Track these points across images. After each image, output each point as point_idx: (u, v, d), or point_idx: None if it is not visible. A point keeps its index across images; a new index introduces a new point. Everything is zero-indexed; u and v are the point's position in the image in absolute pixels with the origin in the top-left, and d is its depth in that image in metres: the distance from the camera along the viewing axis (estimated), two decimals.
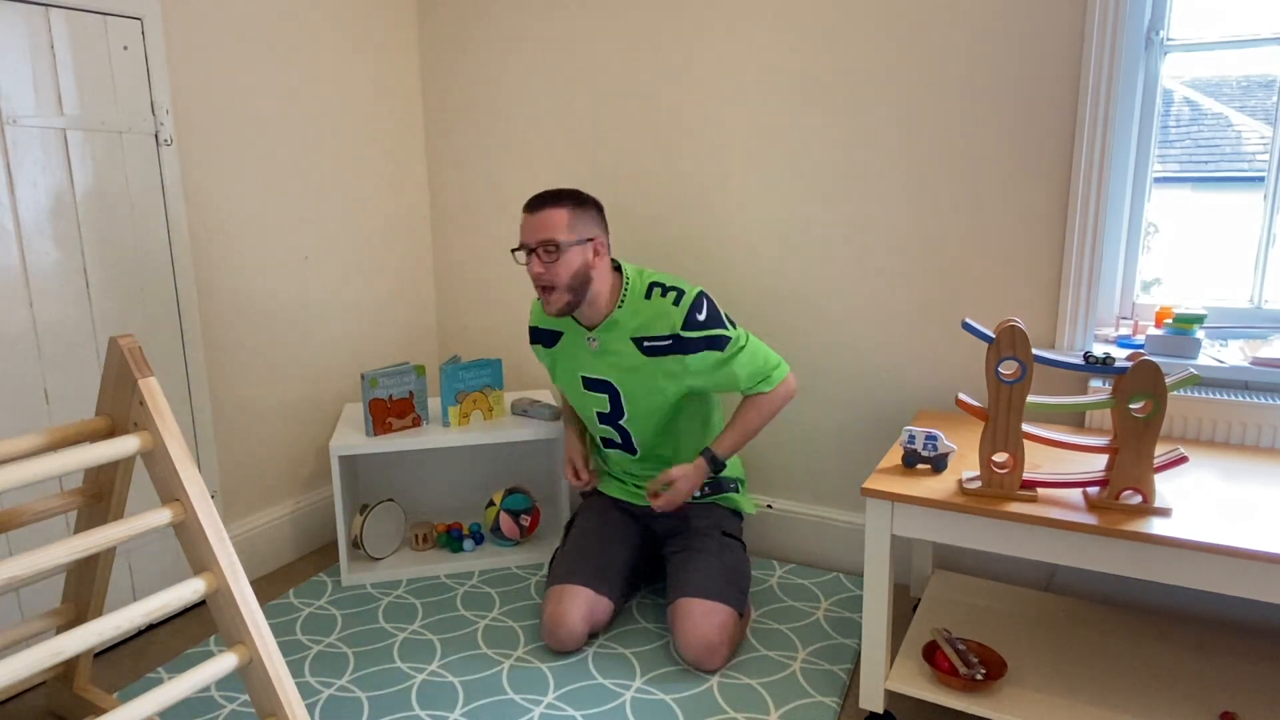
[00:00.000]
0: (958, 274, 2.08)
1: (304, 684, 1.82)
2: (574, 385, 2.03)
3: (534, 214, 1.83)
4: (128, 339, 1.42)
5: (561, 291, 1.84)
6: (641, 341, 1.89)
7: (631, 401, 1.95)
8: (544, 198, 1.84)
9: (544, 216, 1.82)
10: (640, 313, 1.89)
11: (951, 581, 1.99)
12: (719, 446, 1.96)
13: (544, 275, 1.83)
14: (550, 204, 1.83)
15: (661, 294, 1.89)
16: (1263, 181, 1.84)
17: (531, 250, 1.83)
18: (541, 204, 1.83)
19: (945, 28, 1.98)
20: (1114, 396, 1.43)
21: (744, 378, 1.91)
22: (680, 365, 1.88)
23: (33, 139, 1.75)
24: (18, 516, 1.44)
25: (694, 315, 1.85)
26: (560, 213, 1.82)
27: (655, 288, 1.90)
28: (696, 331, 1.85)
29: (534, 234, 1.83)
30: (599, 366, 1.96)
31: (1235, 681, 1.60)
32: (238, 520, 2.31)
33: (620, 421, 2.00)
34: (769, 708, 1.72)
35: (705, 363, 1.87)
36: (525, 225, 1.85)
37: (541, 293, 1.87)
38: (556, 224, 1.81)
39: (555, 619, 1.88)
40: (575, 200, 1.85)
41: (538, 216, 1.82)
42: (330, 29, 2.40)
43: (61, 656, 1.20)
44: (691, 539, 2.00)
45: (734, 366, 1.89)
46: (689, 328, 1.85)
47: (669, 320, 1.86)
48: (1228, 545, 1.29)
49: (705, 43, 2.25)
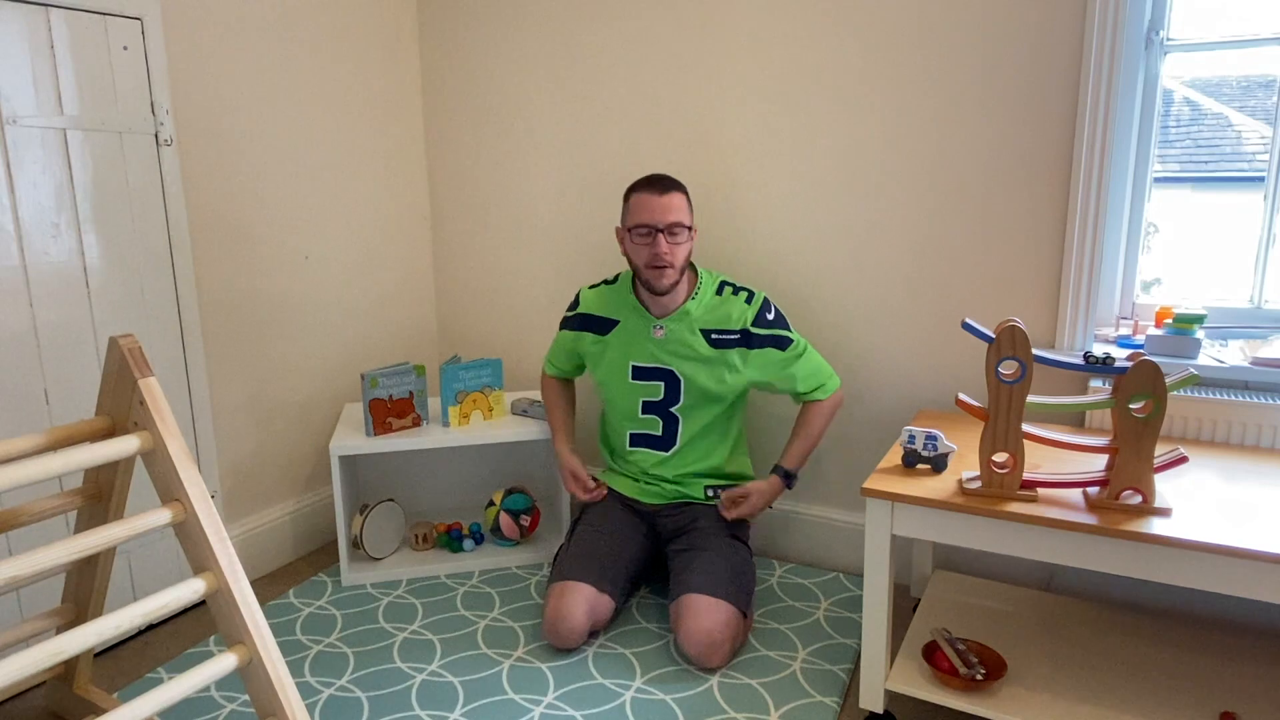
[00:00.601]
0: (958, 274, 2.08)
1: (304, 684, 1.82)
2: (619, 375, 2.07)
3: (661, 195, 1.90)
4: (128, 339, 1.42)
5: (675, 271, 1.93)
6: (710, 334, 2.00)
7: (690, 390, 2.02)
8: (667, 181, 1.92)
9: (672, 199, 1.91)
10: (713, 308, 2.01)
11: (951, 581, 1.99)
12: (788, 461, 2.05)
13: (667, 254, 1.90)
14: (675, 188, 1.92)
15: (733, 292, 2.02)
16: (1263, 181, 1.84)
17: (659, 231, 1.89)
18: (668, 187, 1.92)
19: (945, 28, 1.98)
20: (1114, 396, 1.43)
21: (801, 379, 2.02)
22: (744, 359, 2.00)
23: (33, 139, 1.75)
24: (18, 516, 1.44)
25: (764, 314, 2.00)
26: (682, 198, 1.93)
27: (726, 286, 2.04)
28: (765, 329, 1.99)
29: (663, 215, 1.90)
30: (660, 355, 2.02)
31: (1235, 681, 1.60)
32: (238, 520, 2.31)
33: (672, 408, 2.05)
34: (769, 708, 1.72)
35: (768, 359, 2.00)
36: (649, 205, 1.90)
37: (654, 271, 1.92)
38: (682, 208, 1.92)
39: (557, 615, 1.88)
40: (686, 189, 1.97)
41: (666, 198, 1.90)
42: (330, 29, 2.40)
43: (61, 656, 1.20)
44: (697, 538, 2.00)
45: (794, 369, 2.02)
46: (758, 325, 1.99)
47: (740, 316, 1.99)
48: (1228, 545, 1.29)
49: (706, 43, 2.26)
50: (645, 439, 2.11)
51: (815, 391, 2.05)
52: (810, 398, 2.05)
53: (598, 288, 2.13)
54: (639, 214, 1.92)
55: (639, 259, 1.95)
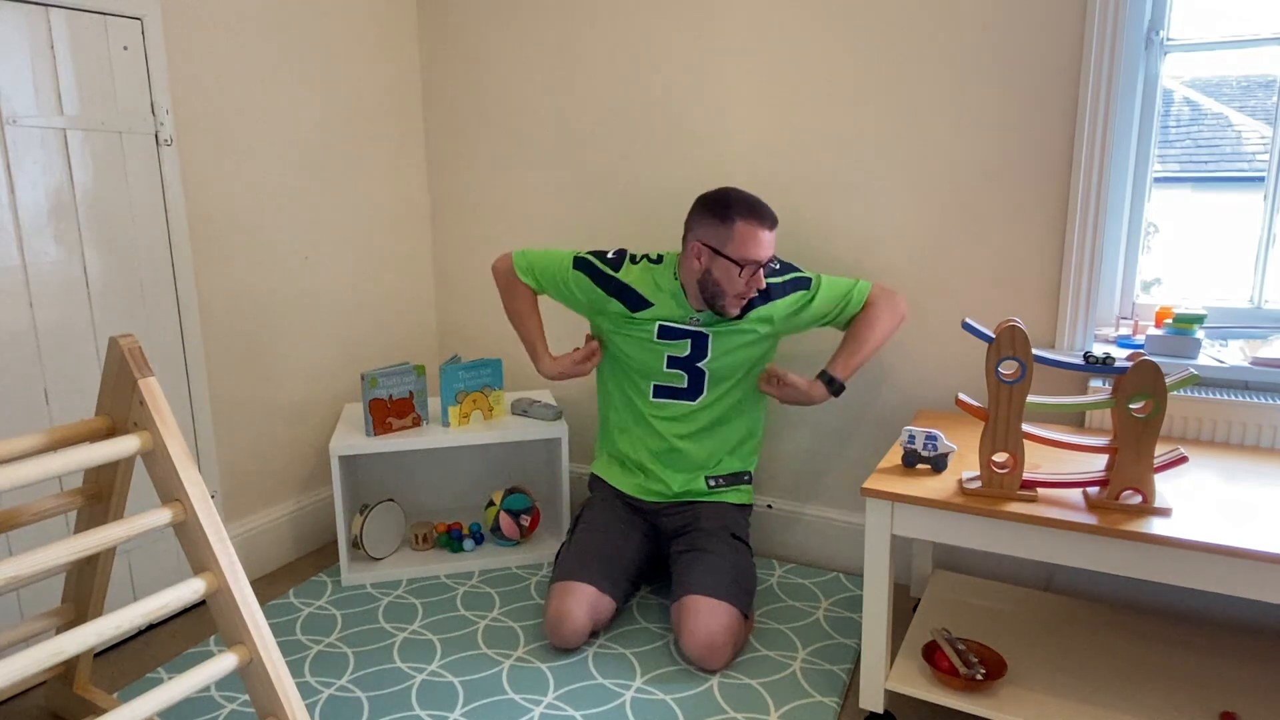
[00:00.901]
0: (958, 274, 2.08)
1: (304, 684, 1.82)
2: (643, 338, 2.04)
3: (769, 231, 1.88)
4: (128, 339, 1.42)
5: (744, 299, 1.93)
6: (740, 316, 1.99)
7: (718, 344, 2.01)
8: (773, 216, 1.89)
9: (772, 237, 1.89)
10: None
11: (951, 581, 1.99)
12: (835, 366, 1.99)
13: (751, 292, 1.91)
14: (776, 225, 1.90)
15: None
16: (1263, 181, 1.84)
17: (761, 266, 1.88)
18: (775, 223, 1.89)
19: (945, 28, 1.98)
20: (1114, 396, 1.43)
21: (830, 304, 1.99)
22: (771, 311, 1.99)
23: (33, 139, 1.75)
24: (18, 516, 1.44)
25: (770, 266, 1.94)
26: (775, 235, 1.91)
27: None
28: (780, 278, 1.99)
29: (767, 250, 1.88)
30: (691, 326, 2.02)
31: (1235, 681, 1.60)
32: (238, 520, 2.31)
33: (700, 363, 2.03)
34: (769, 708, 1.72)
35: (797, 301, 1.99)
36: (760, 240, 1.86)
37: (734, 300, 1.91)
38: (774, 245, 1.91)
39: (559, 616, 1.88)
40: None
41: (770, 235, 1.88)
42: (330, 28, 2.40)
43: (61, 656, 1.20)
44: (699, 539, 2.00)
45: (818, 301, 1.99)
46: (770, 275, 1.97)
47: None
48: (1228, 545, 1.29)
49: (706, 43, 2.26)
50: (670, 390, 2.06)
51: (847, 308, 1.99)
52: (848, 314, 2.00)
53: (641, 263, 2.05)
54: (750, 248, 1.85)
55: (729, 287, 1.89)
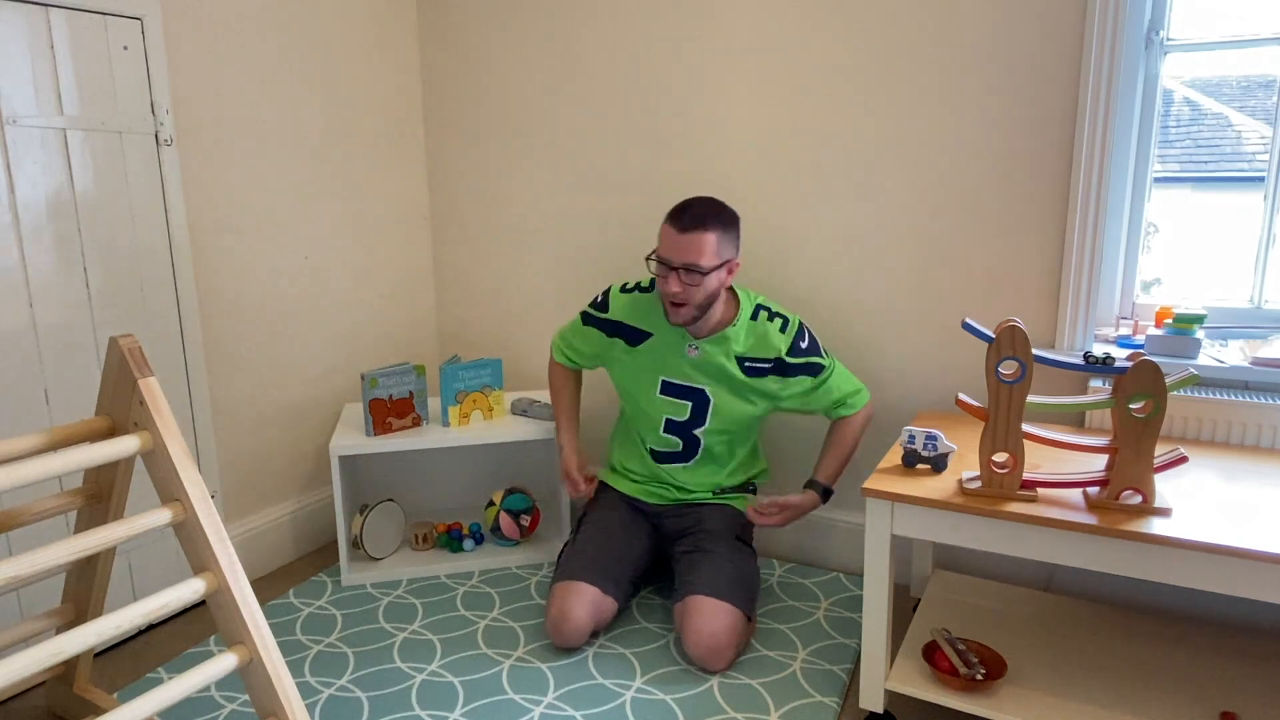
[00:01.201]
0: (958, 274, 2.08)
1: (304, 684, 1.82)
2: (648, 388, 2.02)
3: (684, 234, 1.79)
4: (128, 339, 1.42)
5: (691, 308, 1.87)
6: (744, 361, 1.95)
7: (719, 413, 2.00)
8: (695, 217, 1.79)
9: (693, 240, 1.79)
10: (749, 333, 1.96)
11: (951, 581, 1.99)
12: (823, 475, 2.01)
13: (680, 294, 1.83)
14: (700, 226, 1.79)
15: (769, 318, 1.96)
16: (1263, 181, 1.84)
17: (673, 269, 1.82)
18: (694, 225, 1.79)
19: (945, 28, 1.98)
20: (1114, 396, 1.43)
21: (832, 402, 2.00)
22: (778, 385, 1.97)
23: (33, 139, 1.75)
24: (18, 516, 1.44)
25: (798, 343, 1.95)
26: (709, 237, 1.79)
27: (761, 311, 1.97)
28: (799, 359, 1.95)
29: (680, 254, 1.80)
30: (694, 375, 1.98)
31: (1235, 681, 1.60)
32: (238, 520, 2.31)
33: (696, 430, 2.02)
34: (769, 708, 1.72)
35: (801, 387, 1.98)
36: (670, 241, 1.81)
37: (671, 306, 1.87)
38: (704, 248, 1.79)
39: (561, 615, 1.88)
40: (723, 222, 1.83)
41: (687, 238, 1.79)
42: (330, 29, 2.40)
43: (61, 656, 1.20)
44: (703, 540, 2.00)
45: (823, 392, 1.99)
46: (793, 354, 1.95)
47: (775, 345, 1.94)
48: (1228, 545, 1.29)
49: (706, 44, 2.25)
50: (667, 455, 2.09)
51: (842, 408, 2.01)
52: (838, 414, 2.02)
53: (631, 293, 2.03)
54: (661, 244, 1.84)
55: (660, 289, 1.87)
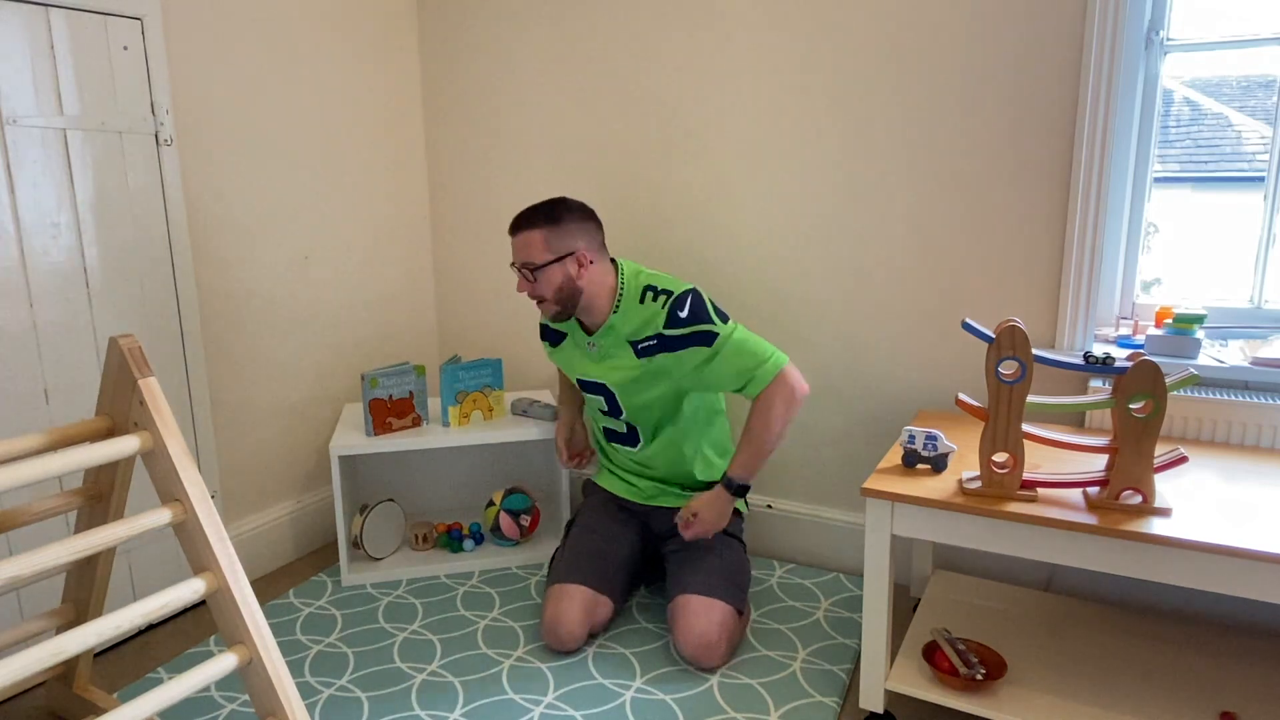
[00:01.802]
0: (958, 274, 2.08)
1: (304, 684, 1.82)
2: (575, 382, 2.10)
3: (514, 236, 1.91)
4: (128, 339, 1.42)
5: (550, 303, 1.92)
6: (636, 345, 1.91)
7: (626, 402, 1.99)
8: (520, 220, 1.90)
9: (521, 239, 1.89)
10: (634, 317, 1.90)
11: (951, 581, 1.99)
12: (734, 469, 1.90)
13: (530, 290, 1.92)
14: (525, 226, 1.89)
15: (653, 297, 1.88)
16: (1263, 181, 1.84)
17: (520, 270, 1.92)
18: (518, 227, 1.90)
19: (945, 29, 1.98)
20: (1114, 396, 1.43)
21: (731, 376, 1.84)
22: (671, 361, 1.87)
23: (33, 139, 1.75)
24: (18, 516, 1.44)
25: (675, 313, 1.84)
26: (535, 234, 1.87)
27: (648, 291, 1.89)
28: (680, 329, 1.83)
29: (516, 255, 1.92)
30: (596, 370, 2.00)
31: (1235, 681, 1.60)
32: (238, 520, 2.31)
33: (621, 417, 2.04)
34: (769, 708, 1.72)
35: (696, 359, 1.84)
36: (512, 245, 1.94)
37: (536, 304, 1.95)
38: (532, 246, 1.88)
39: (555, 619, 1.88)
40: (549, 218, 1.87)
41: (516, 239, 1.91)
42: (331, 29, 2.40)
43: (61, 656, 1.20)
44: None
45: (719, 361, 1.83)
46: (671, 325, 1.84)
47: (654, 320, 1.87)
48: (1228, 545, 1.29)
49: (706, 46, 2.25)
50: (615, 434, 2.11)
51: (748, 385, 1.83)
52: (748, 393, 1.85)
53: None
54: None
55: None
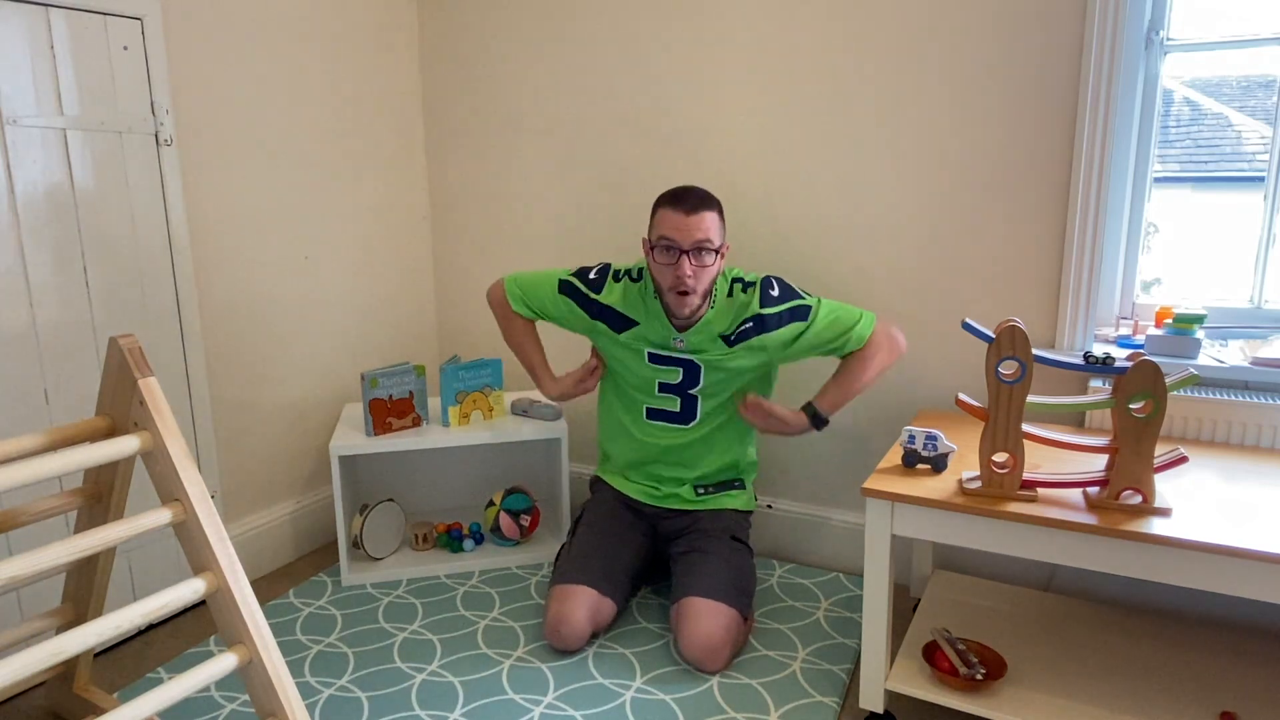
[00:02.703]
0: (958, 274, 2.08)
1: (304, 684, 1.82)
2: (635, 358, 2.00)
3: (692, 214, 1.78)
4: (128, 339, 1.42)
5: (698, 297, 1.85)
6: (729, 337, 1.92)
7: (711, 374, 1.95)
8: (701, 198, 1.80)
9: (702, 219, 1.78)
10: (726, 313, 1.92)
11: (951, 581, 1.99)
12: (821, 401, 1.92)
13: (690, 279, 1.80)
14: (707, 206, 1.80)
15: (742, 290, 1.91)
16: (1263, 181, 1.84)
17: (683, 252, 1.79)
18: (700, 205, 1.79)
19: (945, 28, 1.98)
20: (1114, 396, 1.43)
21: (828, 340, 1.89)
22: (765, 341, 1.90)
23: (33, 139, 1.75)
24: (18, 516, 1.44)
25: (768, 293, 1.89)
26: (715, 216, 1.80)
27: (736, 284, 1.92)
28: (775, 307, 1.89)
29: (690, 234, 1.78)
30: (681, 352, 1.96)
31: (1235, 681, 1.60)
32: (238, 520, 2.31)
33: (693, 390, 1.99)
34: (769, 708, 1.72)
35: (792, 333, 1.90)
36: (675, 223, 1.79)
37: (677, 296, 1.83)
38: (712, 227, 1.79)
39: (559, 618, 1.88)
40: (719, 204, 1.85)
41: (696, 218, 1.78)
42: (330, 29, 2.40)
43: (61, 656, 1.20)
44: (699, 540, 2.00)
45: (812, 333, 1.89)
46: (766, 304, 1.88)
47: (749, 305, 1.89)
48: (1228, 545, 1.29)
49: (707, 43, 2.25)
50: (662, 414, 2.03)
51: (846, 345, 1.89)
52: (844, 352, 1.91)
53: (623, 281, 1.99)
54: (664, 229, 1.80)
55: (663, 280, 1.85)
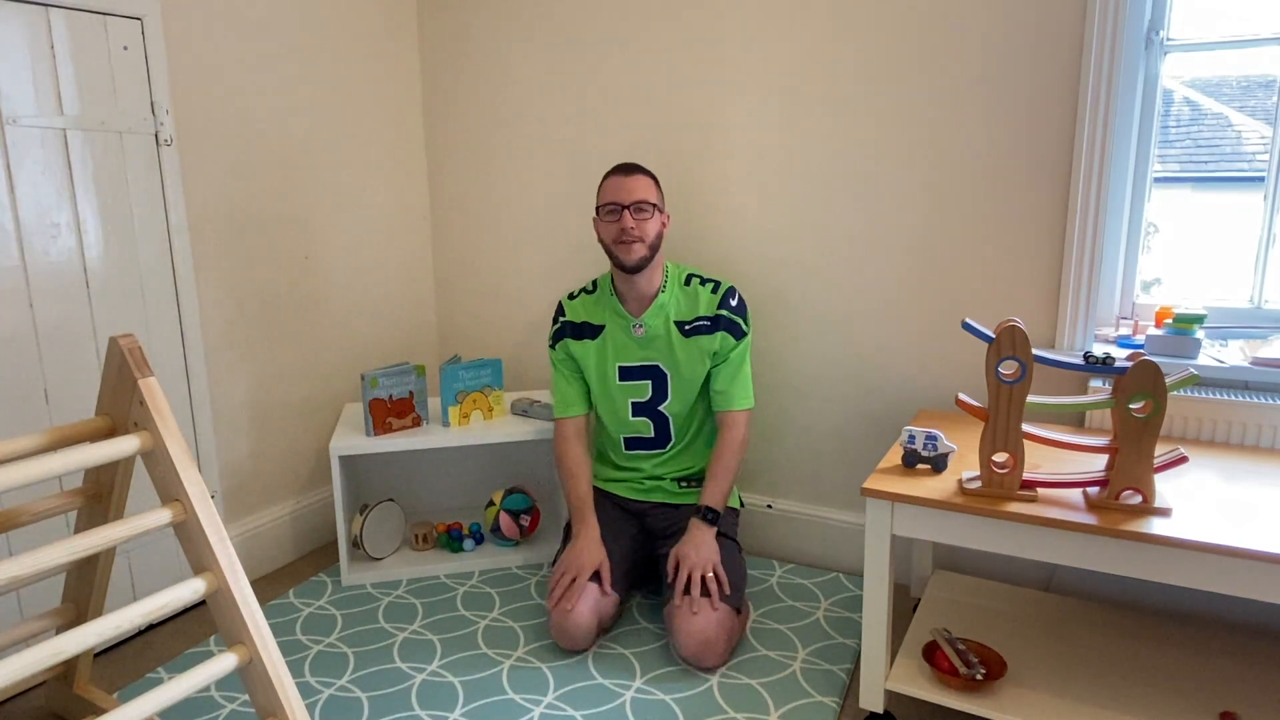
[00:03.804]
0: (958, 274, 2.08)
1: (304, 684, 1.82)
2: (608, 379, 2.09)
3: (628, 176, 1.99)
4: (128, 339, 1.42)
5: (643, 245, 1.97)
6: (684, 325, 2.04)
7: (676, 384, 2.06)
8: (632, 165, 2.01)
9: (636, 181, 1.98)
10: (681, 299, 2.05)
11: (951, 581, 1.99)
12: (711, 499, 2.00)
13: (634, 230, 1.96)
14: (640, 171, 2.00)
15: (700, 283, 2.06)
16: (1263, 181, 1.84)
17: (624, 208, 1.96)
18: (635, 170, 2.00)
19: (945, 28, 1.98)
20: (1114, 396, 1.43)
21: (726, 377, 2.04)
22: (710, 341, 2.03)
23: (33, 139, 1.75)
24: (18, 516, 1.44)
25: (728, 300, 2.04)
26: (650, 181, 2.01)
27: (693, 278, 2.07)
28: (729, 313, 2.03)
29: (629, 194, 1.97)
30: (644, 353, 2.06)
31: (1235, 681, 1.60)
32: (238, 520, 2.31)
33: (660, 407, 2.08)
34: (769, 708, 1.72)
35: (724, 345, 2.03)
36: (615, 187, 1.99)
37: (622, 247, 1.97)
38: (648, 188, 1.99)
39: (565, 617, 1.88)
40: (654, 175, 2.04)
41: (632, 179, 1.98)
42: (330, 29, 2.40)
43: (61, 656, 1.20)
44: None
45: (730, 365, 2.03)
46: (723, 308, 2.03)
47: (708, 303, 2.04)
48: (1228, 545, 1.29)
49: (705, 44, 2.25)
50: (639, 441, 2.13)
51: (726, 399, 2.03)
52: (721, 403, 2.03)
53: (578, 297, 2.14)
54: (607, 195, 1.99)
55: (608, 237, 1.99)
